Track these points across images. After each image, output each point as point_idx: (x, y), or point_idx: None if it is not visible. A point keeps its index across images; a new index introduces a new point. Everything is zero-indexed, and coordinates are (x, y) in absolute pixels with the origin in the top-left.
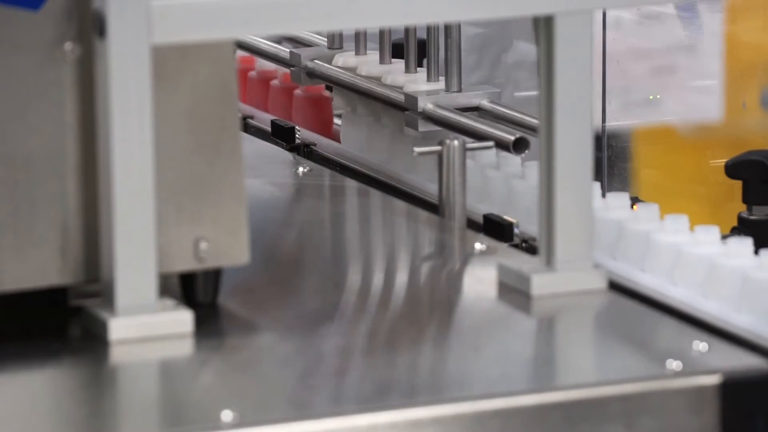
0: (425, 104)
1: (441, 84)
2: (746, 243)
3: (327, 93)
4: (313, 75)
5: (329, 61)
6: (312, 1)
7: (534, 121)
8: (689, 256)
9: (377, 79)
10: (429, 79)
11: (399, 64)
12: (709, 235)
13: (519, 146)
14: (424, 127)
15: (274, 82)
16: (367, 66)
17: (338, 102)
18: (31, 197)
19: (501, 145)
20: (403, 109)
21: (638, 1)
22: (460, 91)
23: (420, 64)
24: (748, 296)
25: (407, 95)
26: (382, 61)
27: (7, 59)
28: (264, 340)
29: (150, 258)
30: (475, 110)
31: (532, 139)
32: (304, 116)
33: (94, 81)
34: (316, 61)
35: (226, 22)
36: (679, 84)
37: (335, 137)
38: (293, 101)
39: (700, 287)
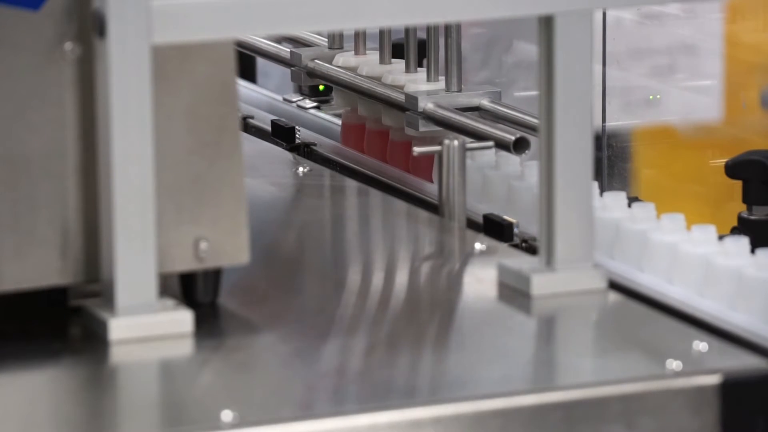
0: (426, 104)
1: (441, 84)
2: (743, 242)
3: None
4: (313, 75)
5: (329, 61)
6: (312, 1)
7: (534, 121)
8: (686, 255)
9: (377, 79)
10: (429, 79)
11: (399, 64)
12: (706, 235)
13: (519, 146)
14: (424, 127)
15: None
16: (368, 66)
17: (338, 102)
18: (31, 197)
19: (501, 145)
20: (404, 109)
21: (638, 1)
22: (460, 90)
23: (420, 64)
24: (744, 295)
25: (408, 95)
26: (382, 61)
27: (7, 59)
28: (264, 340)
29: (150, 258)
30: (476, 110)
31: (532, 140)
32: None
33: (94, 81)
34: (316, 61)
35: (226, 22)
36: (679, 84)
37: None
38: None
39: (696, 286)
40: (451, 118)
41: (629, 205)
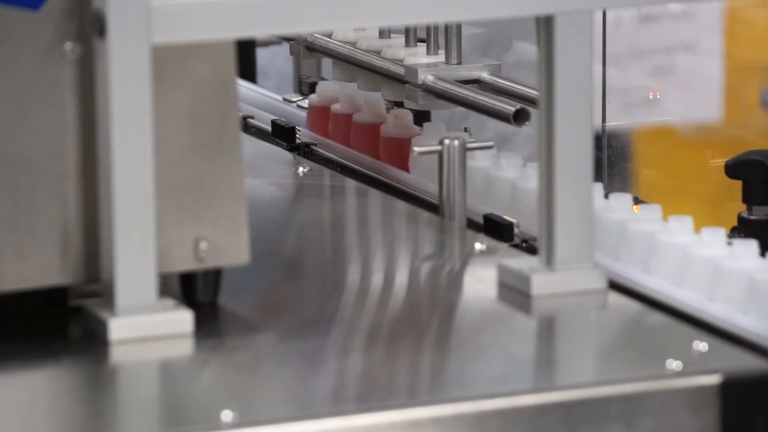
0: (425, 77)
1: (441, 57)
2: (752, 245)
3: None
4: (312, 49)
5: (329, 34)
6: (312, 1)
7: (534, 93)
8: (695, 258)
9: (377, 53)
10: (429, 52)
11: (399, 38)
12: (715, 237)
13: (519, 117)
14: (424, 100)
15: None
16: (367, 40)
17: (336, 75)
18: (31, 197)
19: (501, 116)
20: (404, 82)
21: (638, 1)
22: (460, 63)
23: (420, 39)
24: (754, 299)
25: (407, 68)
26: (381, 35)
27: (7, 59)
28: (264, 340)
29: (150, 258)
30: (476, 83)
31: (533, 112)
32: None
33: (94, 81)
34: (315, 34)
35: (226, 22)
36: (679, 84)
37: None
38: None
39: (705, 289)
40: (450, 90)
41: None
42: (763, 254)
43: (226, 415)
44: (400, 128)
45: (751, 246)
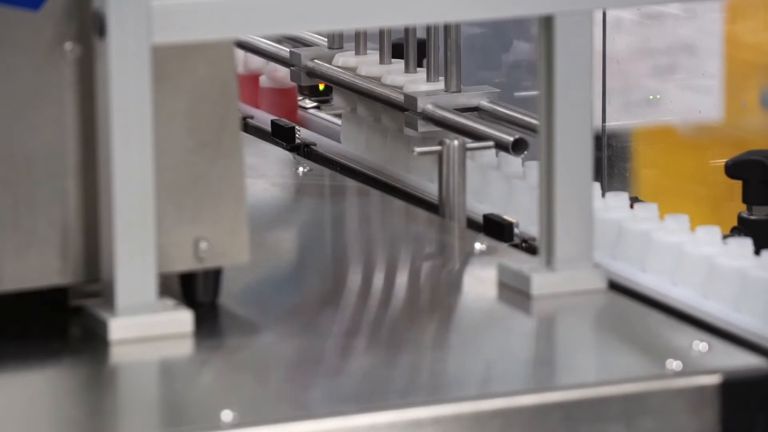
0: (425, 104)
1: (441, 84)
2: (746, 243)
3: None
4: (313, 74)
5: (329, 60)
6: (312, 1)
7: (534, 121)
8: (690, 256)
9: (377, 79)
10: (429, 79)
11: (399, 64)
12: (710, 235)
13: (518, 147)
14: (423, 127)
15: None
16: (367, 66)
17: (338, 102)
18: (31, 197)
19: (500, 145)
20: (403, 109)
21: (638, 1)
22: (459, 91)
23: (420, 64)
24: (748, 296)
25: (407, 95)
26: (381, 61)
27: (7, 59)
28: (264, 340)
29: (150, 258)
30: (475, 110)
31: (532, 141)
32: (271, 106)
33: (94, 81)
34: (316, 60)
35: (226, 22)
36: (679, 84)
37: (301, 123)
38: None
39: (700, 287)
40: (450, 118)
41: (631, 206)
42: (758, 252)
43: (226, 415)
44: (276, 81)
45: (746, 244)
